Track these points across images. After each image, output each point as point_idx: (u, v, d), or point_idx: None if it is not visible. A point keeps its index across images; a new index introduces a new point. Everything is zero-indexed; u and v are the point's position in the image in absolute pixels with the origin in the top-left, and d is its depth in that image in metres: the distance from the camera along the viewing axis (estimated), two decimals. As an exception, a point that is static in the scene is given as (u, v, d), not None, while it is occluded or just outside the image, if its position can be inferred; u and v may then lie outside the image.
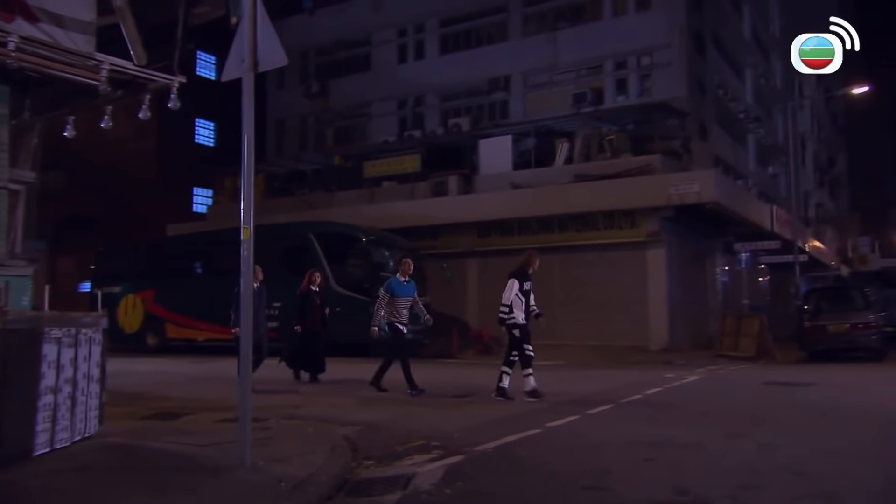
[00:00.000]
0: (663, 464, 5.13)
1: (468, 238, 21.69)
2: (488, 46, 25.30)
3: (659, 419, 7.18)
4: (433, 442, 5.84)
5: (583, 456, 5.46)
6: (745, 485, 4.48)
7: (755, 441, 5.91)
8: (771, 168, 30.53)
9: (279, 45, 4.77)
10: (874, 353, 16.45)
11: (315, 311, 10.87)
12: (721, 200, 18.15)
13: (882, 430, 6.41)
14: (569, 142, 21.00)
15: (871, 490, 4.38)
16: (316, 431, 6.12)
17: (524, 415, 7.44)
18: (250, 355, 4.59)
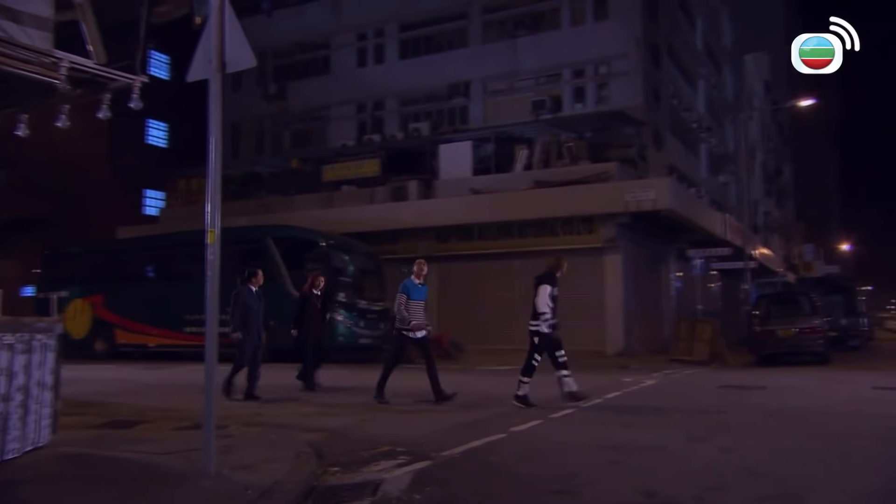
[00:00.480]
0: (629, 467, 5.19)
1: (428, 243, 21.68)
2: (448, 52, 25.38)
3: (621, 423, 7.28)
4: (399, 448, 5.79)
5: (550, 460, 5.49)
6: (710, 486, 4.57)
7: (715, 444, 6.04)
8: (722, 177, 31.38)
9: (248, 47, 4.69)
10: (820, 356, 17.03)
11: (315, 316, 10.53)
12: (676, 208, 18.57)
13: (833, 432, 6.62)
14: (528, 148, 21.22)
15: (828, 490, 4.51)
16: (279, 438, 6.01)
17: (488, 420, 7.45)
18: (215, 360, 4.47)
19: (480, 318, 20.48)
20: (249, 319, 9.39)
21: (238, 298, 9.43)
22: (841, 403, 9.12)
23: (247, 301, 9.43)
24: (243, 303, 9.39)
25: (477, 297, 20.82)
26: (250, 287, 9.61)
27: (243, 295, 9.47)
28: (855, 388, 11.07)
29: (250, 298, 9.50)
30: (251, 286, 9.62)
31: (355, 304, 17.13)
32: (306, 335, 10.42)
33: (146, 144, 32.01)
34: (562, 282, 9.27)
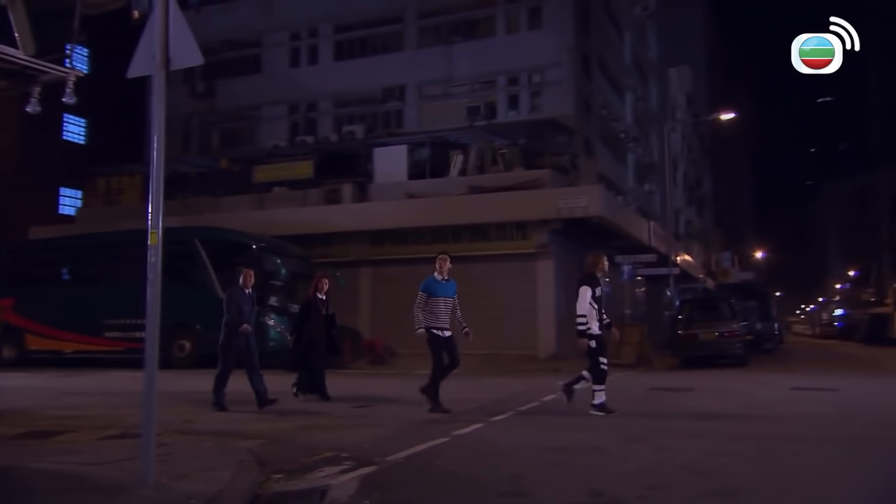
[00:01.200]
0: (573, 467, 5.27)
1: (361, 247, 21.51)
2: (384, 55, 25.28)
3: (560, 425, 7.40)
4: (343, 453, 5.69)
5: (495, 462, 5.51)
6: (652, 485, 4.68)
7: (652, 444, 6.21)
8: (647, 185, 32.46)
9: (194, 44, 4.52)
10: (739, 359, 17.84)
11: (318, 322, 9.89)
12: (606, 215, 19.09)
13: (762, 432, 6.91)
14: (463, 154, 21.37)
15: (765, 487, 4.70)
16: (217, 446, 5.81)
17: (429, 424, 7.43)
18: (156, 365, 4.27)
19: (413, 323, 20.38)
20: (241, 321, 8.81)
21: (231, 299, 8.89)
22: (765, 404, 9.56)
23: (239, 303, 8.86)
24: (235, 305, 8.83)
25: (411, 301, 20.67)
26: (243, 289, 9.02)
27: (236, 296, 8.91)
28: (774, 388, 11.63)
29: (243, 301, 8.92)
30: (244, 288, 9.04)
31: (287, 307, 16.80)
32: (312, 342, 9.75)
33: (63, 141, 30.47)
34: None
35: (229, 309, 8.83)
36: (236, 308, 8.81)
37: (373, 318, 20.97)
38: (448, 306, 8.63)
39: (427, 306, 8.55)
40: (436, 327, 8.47)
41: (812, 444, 6.23)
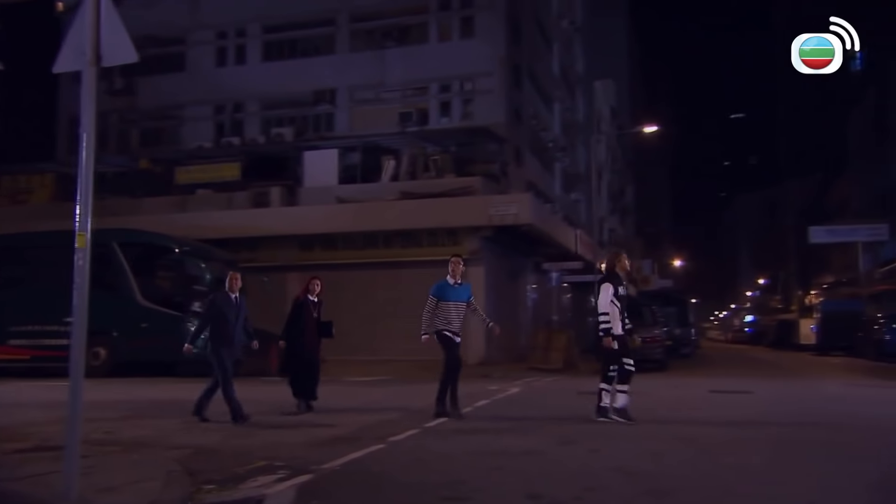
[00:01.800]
0: (511, 471, 5.31)
1: (290, 251, 21.13)
2: (315, 58, 24.98)
3: (495, 430, 7.44)
4: (276, 462, 5.54)
5: (434, 468, 5.49)
6: (588, 486, 4.77)
7: (585, 447, 6.33)
8: (573, 194, 33.27)
9: (128, 40, 4.33)
10: (659, 364, 18.48)
11: (310, 326, 9.20)
12: (536, 223, 19.45)
13: (689, 433, 7.17)
14: (395, 159, 21.34)
15: (693, 486, 4.86)
16: (142, 458, 5.55)
17: (363, 431, 7.34)
18: (81, 374, 4.04)
19: (343, 329, 20.02)
20: (226, 330, 8.10)
21: (212, 306, 8.22)
22: (688, 406, 9.93)
23: (222, 309, 8.14)
24: (218, 311, 8.11)
25: (340, 307, 20.42)
26: (227, 293, 8.29)
27: (219, 302, 8.21)
28: (695, 392, 12.09)
29: (227, 306, 8.18)
30: (229, 292, 8.30)
31: (212, 314, 16.27)
32: (301, 348, 9.13)
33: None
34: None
35: (211, 317, 8.13)
36: (220, 315, 8.08)
37: (300, 324, 20.59)
38: (460, 311, 8.49)
39: (438, 311, 8.35)
40: (449, 331, 8.34)
41: (736, 444, 6.51)
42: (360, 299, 20.31)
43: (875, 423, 8.01)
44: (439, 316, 8.36)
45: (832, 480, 5.07)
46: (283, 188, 21.95)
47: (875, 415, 8.90)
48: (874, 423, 8.10)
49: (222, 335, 8.07)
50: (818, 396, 11.58)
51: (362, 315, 20.14)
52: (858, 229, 37.55)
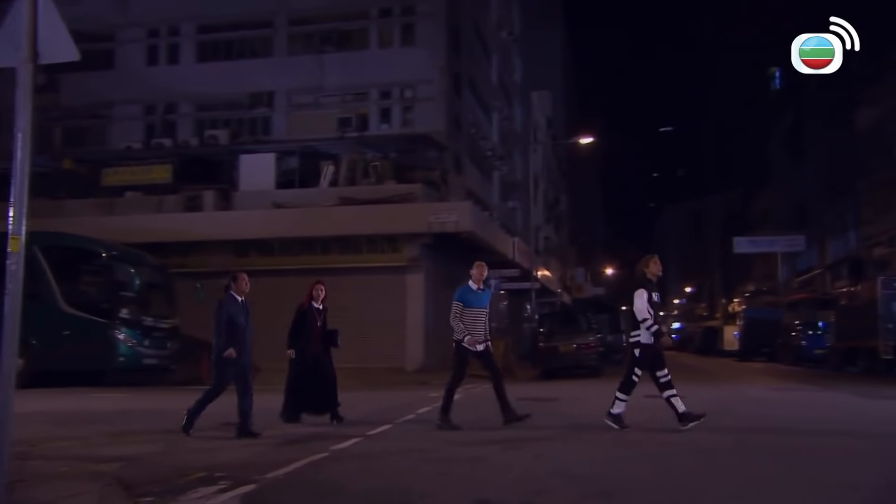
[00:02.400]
0: (458, 477, 5.31)
1: (224, 257, 20.60)
2: (251, 60, 24.55)
3: (438, 437, 7.43)
4: (216, 472, 5.37)
5: (379, 476, 5.44)
6: (535, 490, 4.81)
7: (530, 452, 6.40)
8: (510, 203, 33.71)
9: (68, 36, 4.15)
10: (594, 370, 18.87)
11: (315, 334, 8.72)
12: (475, 230, 19.62)
13: (629, 438, 7.35)
14: (334, 165, 21.14)
15: (638, 489, 4.97)
16: (73, 470, 5.29)
17: (305, 439, 7.22)
18: (12, 384, 3.82)
19: (278, 336, 19.75)
20: (236, 335, 7.59)
21: (221, 309, 7.64)
22: (628, 409, 10.13)
23: (231, 312, 7.63)
24: (228, 315, 7.59)
25: (276, 314, 20.02)
26: (234, 295, 7.77)
27: (227, 305, 7.67)
28: (632, 396, 12.36)
29: (236, 309, 7.68)
30: (235, 294, 7.78)
31: (140, 321, 15.73)
32: (307, 359, 8.65)
33: None
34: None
35: (219, 322, 7.53)
36: (228, 320, 7.55)
37: (235, 331, 20.10)
38: (483, 317, 8.18)
39: (465, 318, 8.02)
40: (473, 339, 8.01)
41: (674, 448, 6.69)
42: (297, 306, 19.96)
43: (800, 426, 8.42)
44: (463, 323, 8.04)
45: (764, 478, 5.28)
46: (218, 192, 21.43)
47: (800, 417, 9.35)
48: (800, 425, 8.50)
49: (234, 341, 7.57)
50: (744, 400, 12.06)
51: (299, 322, 19.81)
52: (778, 240, 39.49)
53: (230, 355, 7.47)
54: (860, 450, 6.49)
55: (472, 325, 8.05)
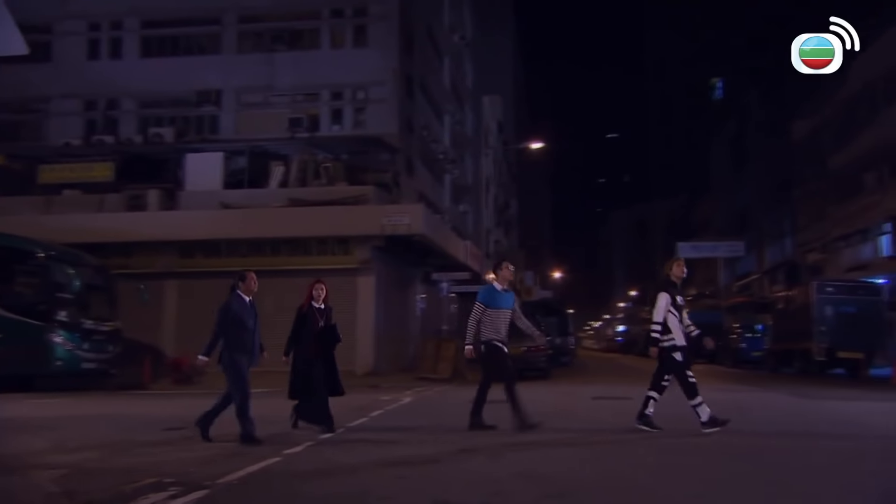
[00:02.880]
0: (416, 480, 5.29)
1: (168, 258, 20.09)
2: (199, 56, 23.99)
3: (393, 440, 7.37)
4: (166, 479, 5.20)
5: (337, 480, 5.37)
6: (493, 492, 4.83)
7: (485, 454, 6.40)
8: (461, 206, 33.83)
9: (15, 29, 3.95)
10: (542, 372, 19.07)
11: (314, 335, 8.06)
12: (427, 233, 19.59)
13: (578, 437, 7.46)
14: (284, 165, 20.81)
15: (594, 488, 5.04)
16: (13, 480, 5.04)
17: (257, 443, 7.04)
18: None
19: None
20: (244, 338, 7.16)
21: (227, 310, 7.17)
22: (576, 412, 10.31)
23: (239, 314, 7.17)
24: (234, 316, 7.14)
25: (219, 316, 19.72)
26: (241, 296, 7.32)
27: (234, 306, 7.21)
28: (580, 398, 12.58)
29: (244, 311, 7.23)
30: (242, 294, 7.32)
31: (79, 323, 15.15)
32: (306, 360, 8.01)
33: None
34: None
35: (224, 323, 7.12)
36: (237, 321, 7.13)
37: (178, 334, 19.59)
38: (506, 318, 7.97)
39: (486, 319, 7.84)
40: (499, 340, 7.86)
41: (627, 446, 6.81)
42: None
43: (749, 427, 8.67)
44: (487, 324, 7.85)
45: (724, 477, 5.42)
46: (162, 191, 20.84)
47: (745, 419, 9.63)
48: (748, 426, 8.76)
49: (241, 344, 7.15)
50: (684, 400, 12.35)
51: (248, 325, 19.44)
52: (719, 245, 40.74)
53: (202, 364, 7.24)
54: (803, 448, 6.73)
55: (494, 326, 7.88)
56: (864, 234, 28.28)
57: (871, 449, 6.79)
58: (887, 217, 25.94)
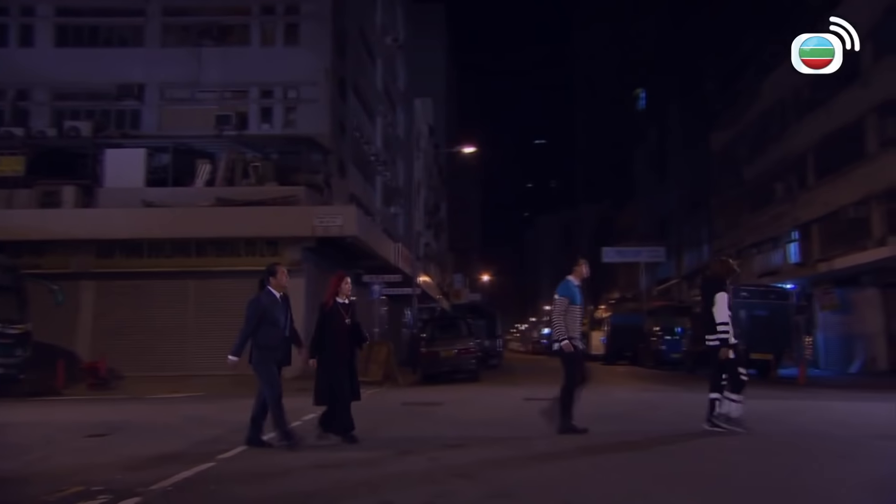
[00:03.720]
0: (357, 482, 5.24)
1: (84, 258, 19.19)
2: (120, 49, 23.08)
3: (331, 444, 7.27)
4: (94, 486, 4.98)
5: (278, 483, 5.27)
6: (436, 493, 4.85)
7: (424, 455, 6.41)
8: (392, 208, 33.75)
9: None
10: (472, 374, 19.23)
11: (341, 334, 7.30)
12: (360, 235, 19.42)
13: (516, 436, 7.56)
14: (211, 164, 20.21)
15: (534, 486, 5.14)
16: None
17: (188, 449, 6.86)
18: None
19: (146, 343, 18.72)
20: (275, 335, 6.77)
21: (257, 306, 6.76)
22: (510, 413, 10.46)
23: (270, 311, 6.77)
24: (264, 313, 6.73)
25: (142, 319, 18.99)
26: (271, 291, 6.90)
27: (264, 302, 6.80)
28: (511, 400, 12.74)
29: (274, 307, 6.82)
30: (272, 289, 6.90)
31: (-14, 326, 14.28)
32: (333, 363, 7.30)
33: None
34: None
35: (253, 320, 6.73)
36: (267, 319, 6.75)
37: (95, 337, 18.75)
38: (581, 315, 7.77)
39: (569, 315, 7.50)
40: (577, 338, 7.59)
41: (561, 446, 6.95)
42: (169, 311, 18.95)
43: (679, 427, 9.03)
44: (569, 322, 7.52)
45: (642, 474, 5.62)
46: (79, 188, 19.86)
47: (670, 420, 10.03)
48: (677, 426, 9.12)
49: (272, 342, 6.78)
50: (615, 402, 12.73)
51: (171, 328, 18.81)
52: (642, 251, 42.20)
53: (232, 365, 6.79)
54: (731, 447, 7.05)
55: (576, 323, 7.65)
56: (774, 242, 29.85)
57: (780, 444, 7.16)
58: (795, 225, 27.49)
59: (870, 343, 22.85)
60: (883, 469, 5.91)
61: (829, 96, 24.44)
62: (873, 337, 22.69)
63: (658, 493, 4.89)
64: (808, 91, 26.07)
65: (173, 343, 18.69)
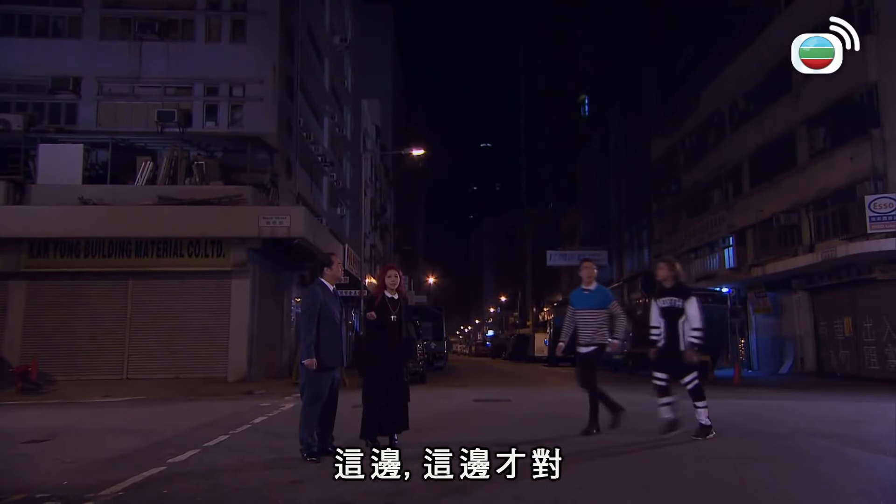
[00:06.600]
0: (313, 484, 5.20)
1: (14, 256, 18.39)
2: (55, 39, 22.19)
3: (282, 446, 7.18)
4: (39, 493, 4.81)
5: (230, 487, 5.18)
6: (393, 492, 4.88)
7: (379, 455, 6.40)
8: (339, 209, 33.46)
9: None
10: (419, 376, 19.28)
11: (393, 332, 6.60)
12: (308, 237, 19.18)
13: (467, 437, 7.63)
14: (152, 161, 19.64)
15: (491, 487, 5.20)
16: None
17: (132, 454, 6.66)
18: None
19: (81, 346, 18.08)
20: (330, 332, 6.08)
21: (314, 300, 6.07)
22: (462, 414, 10.53)
23: (325, 304, 6.09)
24: (320, 307, 6.05)
25: (77, 321, 18.31)
26: (325, 284, 6.26)
27: (319, 295, 6.13)
28: (461, 401, 12.84)
29: (329, 301, 6.17)
30: (325, 282, 6.26)
31: None
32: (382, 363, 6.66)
33: None
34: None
35: (313, 313, 6.02)
36: (321, 312, 6.05)
37: (25, 340, 17.98)
38: (596, 318, 7.75)
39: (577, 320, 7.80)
40: (578, 342, 7.77)
41: (520, 446, 7.04)
42: (106, 312, 18.33)
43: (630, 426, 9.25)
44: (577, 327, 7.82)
45: (611, 472, 5.77)
46: (10, 183, 19.01)
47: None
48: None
49: (326, 338, 6.11)
50: (561, 402, 12.99)
51: (108, 329, 18.20)
52: (584, 254, 43.00)
53: (311, 365, 6.04)
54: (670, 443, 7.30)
55: (581, 329, 7.83)
56: (711, 247, 30.92)
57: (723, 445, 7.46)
58: (731, 232, 28.55)
59: (799, 344, 23.94)
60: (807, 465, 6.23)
61: (762, 108, 25.50)
62: (802, 338, 23.78)
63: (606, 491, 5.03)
64: (744, 102, 27.14)
65: (109, 346, 18.11)
